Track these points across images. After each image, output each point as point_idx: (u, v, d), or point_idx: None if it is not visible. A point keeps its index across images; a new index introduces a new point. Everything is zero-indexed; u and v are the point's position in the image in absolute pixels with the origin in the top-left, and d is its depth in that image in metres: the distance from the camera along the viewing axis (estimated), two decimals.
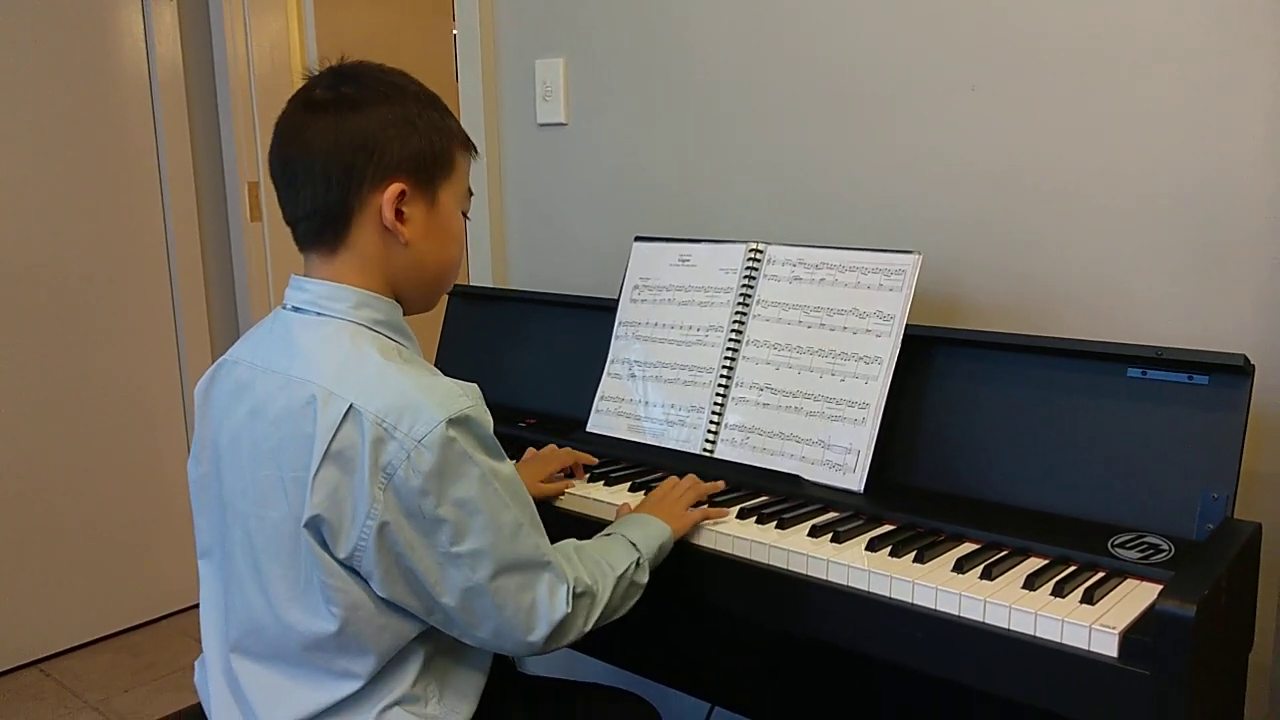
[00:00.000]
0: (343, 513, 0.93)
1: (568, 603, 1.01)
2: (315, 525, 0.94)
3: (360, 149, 0.98)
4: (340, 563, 0.95)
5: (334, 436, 0.92)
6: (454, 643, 1.04)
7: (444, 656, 1.05)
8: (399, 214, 1.01)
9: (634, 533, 1.15)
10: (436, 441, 0.92)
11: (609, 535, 1.16)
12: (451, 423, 0.93)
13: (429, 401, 0.93)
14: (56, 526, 2.56)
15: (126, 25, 2.58)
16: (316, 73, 1.04)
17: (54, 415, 2.53)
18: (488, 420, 0.98)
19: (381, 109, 0.99)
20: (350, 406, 0.93)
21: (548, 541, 1.03)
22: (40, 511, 2.52)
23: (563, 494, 1.36)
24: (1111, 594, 1.00)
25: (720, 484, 1.32)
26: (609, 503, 1.31)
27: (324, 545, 0.95)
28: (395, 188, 1.00)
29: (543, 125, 2.00)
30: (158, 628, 2.75)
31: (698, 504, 1.26)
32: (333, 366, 0.96)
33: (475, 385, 0.99)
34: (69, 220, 2.52)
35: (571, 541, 1.12)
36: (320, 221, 1.01)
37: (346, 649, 0.98)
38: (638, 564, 1.12)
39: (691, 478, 1.30)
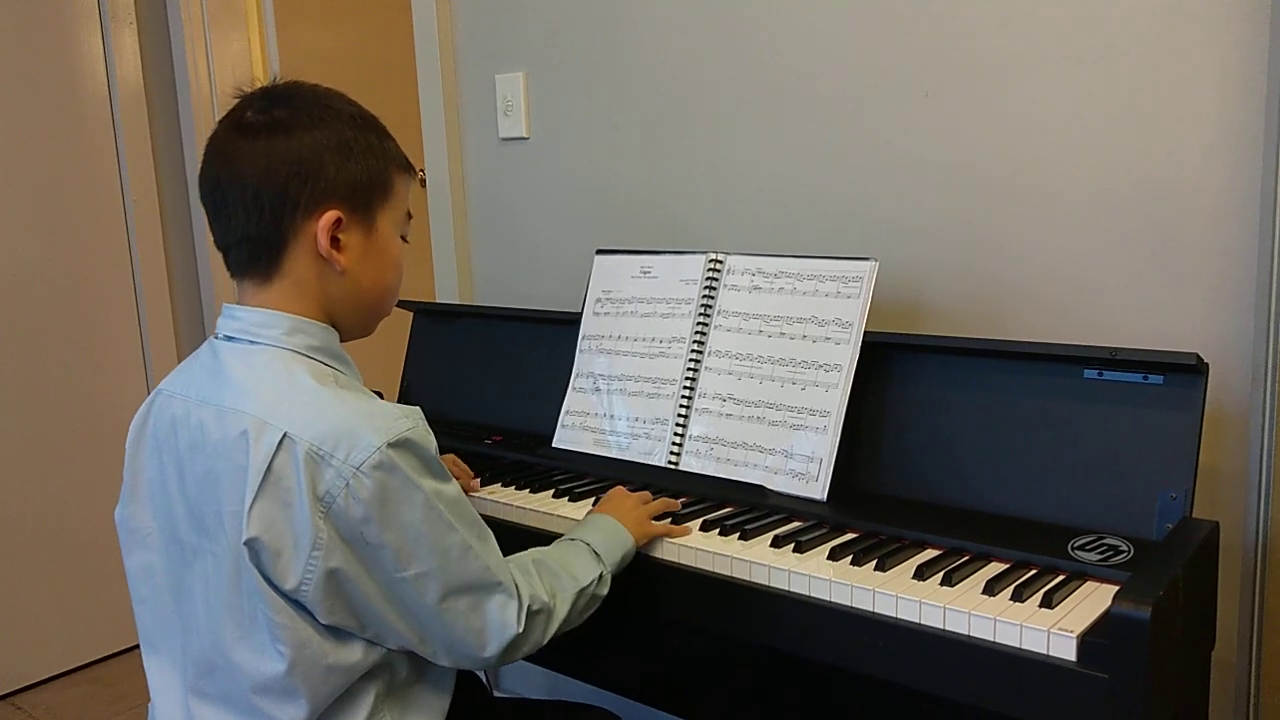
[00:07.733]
0: (283, 544, 0.91)
1: (519, 622, 0.99)
2: (255, 554, 0.91)
3: (294, 175, 0.96)
4: (286, 597, 0.92)
5: (269, 467, 0.90)
6: (409, 678, 1.02)
7: (398, 694, 1.02)
8: (335, 241, 0.99)
9: (598, 540, 1.14)
10: (376, 468, 0.90)
11: (572, 540, 1.15)
12: (390, 446, 0.91)
13: (366, 427, 0.91)
14: (25, 556, 2.52)
15: (86, 47, 2.55)
16: (247, 92, 1.01)
17: (20, 440, 2.50)
18: (430, 441, 0.96)
19: (315, 133, 0.97)
20: (284, 435, 0.91)
21: (499, 559, 1.01)
22: (7, 541, 2.49)
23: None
24: (1071, 597, 1.00)
25: (678, 503, 1.29)
26: (574, 519, 1.30)
27: (268, 579, 0.92)
28: (331, 215, 0.97)
29: (504, 140, 2.00)
30: (131, 657, 2.71)
31: (660, 516, 1.24)
32: (265, 395, 0.94)
33: (417, 408, 0.97)
34: (32, 242, 2.48)
35: (532, 552, 1.10)
36: (252, 249, 0.98)
37: (292, 695, 0.94)
38: (600, 578, 1.11)
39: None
